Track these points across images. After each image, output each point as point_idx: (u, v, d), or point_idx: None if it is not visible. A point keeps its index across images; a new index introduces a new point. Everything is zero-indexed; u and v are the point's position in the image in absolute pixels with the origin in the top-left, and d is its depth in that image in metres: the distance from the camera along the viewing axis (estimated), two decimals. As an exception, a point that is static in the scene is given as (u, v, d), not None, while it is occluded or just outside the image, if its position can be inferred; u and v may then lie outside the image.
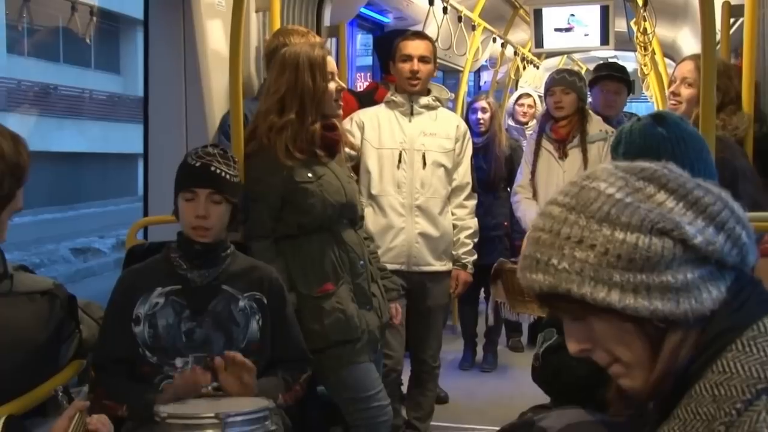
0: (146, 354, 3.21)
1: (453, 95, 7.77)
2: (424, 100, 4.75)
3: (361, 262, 3.88)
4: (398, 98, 4.74)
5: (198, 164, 3.24)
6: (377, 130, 4.68)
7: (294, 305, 3.57)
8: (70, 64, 25.20)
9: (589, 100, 6.07)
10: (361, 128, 4.68)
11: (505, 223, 6.61)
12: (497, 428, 2.89)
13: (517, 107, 7.89)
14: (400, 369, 4.74)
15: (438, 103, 4.83)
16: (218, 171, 3.23)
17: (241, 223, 3.70)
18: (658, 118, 2.65)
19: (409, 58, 4.68)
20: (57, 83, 24.43)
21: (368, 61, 8.39)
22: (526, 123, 7.63)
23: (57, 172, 22.86)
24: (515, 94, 8.15)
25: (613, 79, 6.28)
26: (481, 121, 6.84)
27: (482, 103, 7.03)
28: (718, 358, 1.43)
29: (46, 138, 22.36)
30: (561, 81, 5.46)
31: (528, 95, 8.09)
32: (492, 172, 6.63)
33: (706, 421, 1.40)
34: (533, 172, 5.52)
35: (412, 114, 4.73)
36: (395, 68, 4.76)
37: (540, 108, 7.71)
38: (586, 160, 5.33)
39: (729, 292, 1.48)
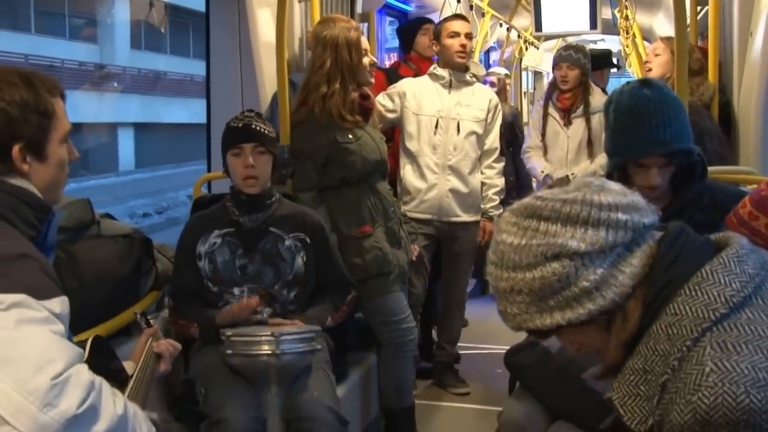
0: (209, 285, 3.25)
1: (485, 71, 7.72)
2: (463, 76, 4.70)
3: (392, 208, 3.92)
4: (440, 72, 4.70)
5: (240, 125, 3.28)
6: (417, 99, 4.64)
7: (335, 243, 3.60)
8: (174, 55, 26.87)
9: None
10: (402, 96, 4.65)
11: (511, 178, 6.55)
12: (508, 347, 2.90)
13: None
14: (420, 303, 4.75)
15: (475, 80, 4.80)
16: (258, 128, 3.28)
17: (289, 177, 3.73)
18: (644, 82, 2.63)
19: (457, 34, 4.65)
20: (166, 70, 26.27)
21: (395, 43, 8.35)
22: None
23: (168, 138, 24.93)
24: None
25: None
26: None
27: (492, 78, 7.12)
28: (670, 302, 1.43)
29: (160, 112, 24.82)
30: (567, 58, 5.31)
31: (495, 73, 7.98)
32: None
33: (663, 356, 1.41)
34: (543, 134, 5.44)
35: (451, 87, 4.69)
36: (442, 45, 4.71)
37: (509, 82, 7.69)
38: (590, 128, 5.25)
39: (661, 251, 1.48)
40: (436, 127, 4.61)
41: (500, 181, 4.82)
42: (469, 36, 4.68)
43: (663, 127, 2.51)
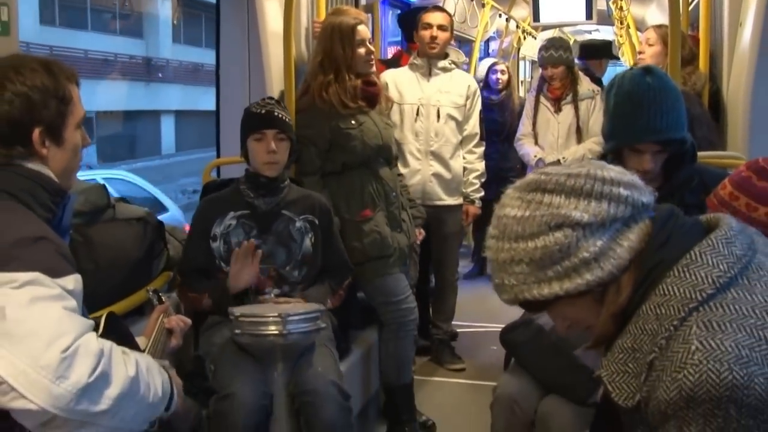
0: (222, 265, 3.26)
1: (467, 59, 7.66)
2: (441, 63, 4.72)
3: (394, 193, 3.92)
4: (419, 61, 4.74)
5: (263, 111, 3.28)
6: (399, 88, 4.68)
7: (337, 227, 3.61)
8: (210, 48, 27.15)
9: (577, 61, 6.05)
10: (384, 88, 4.64)
11: (518, 166, 6.58)
12: (503, 326, 2.93)
13: (492, 76, 7.16)
14: (413, 283, 4.76)
15: (453, 66, 4.81)
16: (280, 115, 3.29)
17: (294, 162, 3.74)
18: (647, 70, 2.63)
19: (429, 26, 4.68)
20: (202, 62, 26.94)
21: (397, 37, 8.30)
22: (501, 90, 7.12)
23: (203, 124, 25.24)
24: (485, 65, 7.42)
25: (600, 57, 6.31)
26: (500, 81, 6.91)
27: (501, 67, 7.10)
28: (659, 283, 1.44)
29: (196, 101, 25.52)
30: (549, 59, 5.40)
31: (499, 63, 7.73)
32: (507, 124, 6.60)
33: (651, 335, 1.42)
34: (534, 124, 5.49)
35: (430, 75, 4.72)
36: (418, 35, 4.76)
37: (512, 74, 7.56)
38: (578, 115, 5.34)
39: (654, 230, 1.49)
40: (417, 114, 4.64)
41: (481, 166, 4.85)
42: (442, 27, 4.67)
43: (660, 116, 2.52)
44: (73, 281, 1.68)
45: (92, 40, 21.91)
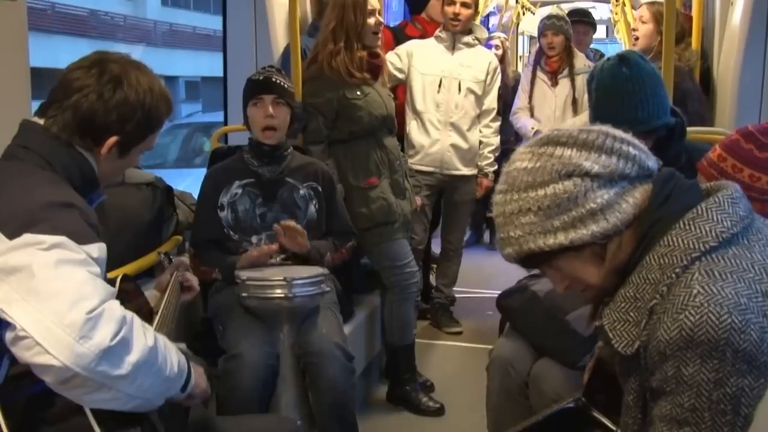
0: (230, 233, 3.24)
1: (488, 34, 7.61)
2: (465, 38, 4.74)
3: (398, 161, 3.92)
4: (444, 35, 4.76)
5: (261, 78, 3.26)
6: (424, 59, 4.69)
7: (343, 193, 3.62)
8: None
9: None
10: (410, 56, 4.70)
11: (512, 138, 6.56)
12: (499, 292, 2.94)
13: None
14: (422, 248, 4.80)
15: (477, 42, 4.82)
16: (278, 81, 3.25)
17: (300, 131, 3.72)
18: (623, 59, 2.60)
19: (453, 2, 4.69)
20: None
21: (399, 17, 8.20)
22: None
23: None
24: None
25: (582, 22, 6.22)
26: (494, 55, 6.78)
27: (496, 41, 7.09)
28: (664, 235, 1.45)
29: None
30: (551, 26, 5.34)
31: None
32: (501, 97, 6.55)
33: (653, 284, 1.44)
34: (530, 97, 5.46)
35: (454, 49, 4.73)
36: (443, 10, 4.77)
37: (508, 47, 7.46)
38: (574, 87, 5.29)
39: (654, 190, 1.50)
40: (440, 86, 4.64)
41: (496, 140, 4.86)
42: (465, 5, 4.67)
43: (641, 107, 2.52)
44: (98, 249, 1.68)
45: (194, 18, 23.37)
